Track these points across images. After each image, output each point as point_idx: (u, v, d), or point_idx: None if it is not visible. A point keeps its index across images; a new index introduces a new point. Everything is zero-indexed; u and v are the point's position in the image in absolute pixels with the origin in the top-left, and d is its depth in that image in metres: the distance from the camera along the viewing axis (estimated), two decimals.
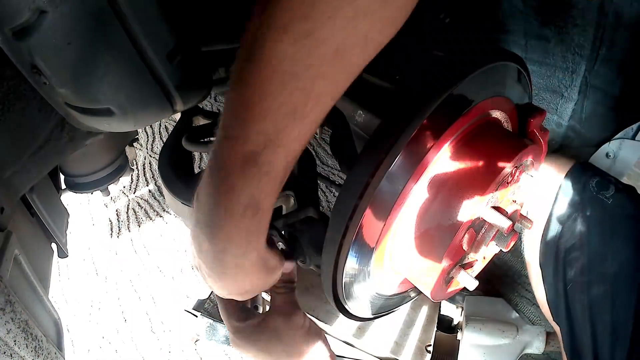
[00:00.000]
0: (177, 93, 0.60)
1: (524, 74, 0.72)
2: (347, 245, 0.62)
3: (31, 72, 0.50)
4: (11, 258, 0.62)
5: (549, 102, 0.99)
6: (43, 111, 0.64)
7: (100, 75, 0.51)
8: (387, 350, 1.30)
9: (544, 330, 1.34)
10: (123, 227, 1.97)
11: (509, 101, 0.72)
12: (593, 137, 0.98)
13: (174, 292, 1.72)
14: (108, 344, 1.58)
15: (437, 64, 0.70)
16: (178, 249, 1.86)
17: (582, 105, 0.94)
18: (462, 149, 0.63)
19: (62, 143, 0.71)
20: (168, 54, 0.55)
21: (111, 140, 1.14)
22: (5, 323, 0.55)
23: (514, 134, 0.75)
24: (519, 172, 0.67)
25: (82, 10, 0.45)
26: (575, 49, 0.86)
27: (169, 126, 2.37)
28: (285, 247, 0.81)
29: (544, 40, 0.88)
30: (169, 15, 0.53)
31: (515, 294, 1.65)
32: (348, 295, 0.72)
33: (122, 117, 0.58)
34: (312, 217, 0.96)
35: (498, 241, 0.66)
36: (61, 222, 0.97)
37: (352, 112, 0.75)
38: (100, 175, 1.15)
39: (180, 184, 1.04)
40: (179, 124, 1.25)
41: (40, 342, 0.62)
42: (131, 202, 2.07)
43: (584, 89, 0.91)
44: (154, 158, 2.24)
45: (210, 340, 1.36)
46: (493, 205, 0.62)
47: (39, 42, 0.46)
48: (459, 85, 0.58)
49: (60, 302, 1.70)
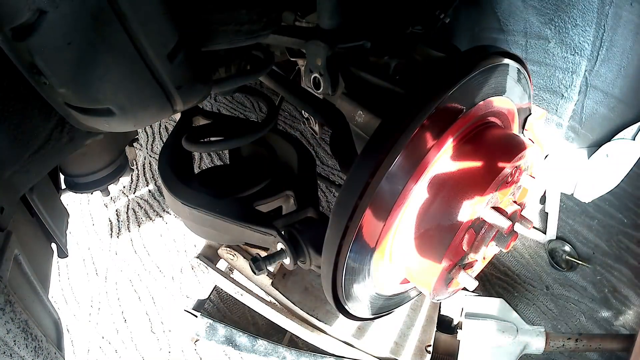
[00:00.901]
0: (177, 93, 0.60)
1: (524, 74, 0.72)
2: (347, 246, 0.62)
3: (31, 72, 0.50)
4: (11, 258, 0.62)
5: (549, 103, 0.99)
6: (43, 111, 0.64)
7: (100, 75, 0.51)
8: (387, 351, 1.30)
9: (543, 331, 1.34)
10: (123, 227, 1.97)
11: (509, 101, 0.72)
12: (593, 138, 0.98)
13: (174, 292, 1.72)
14: (108, 344, 1.58)
15: (438, 65, 0.70)
16: (178, 249, 1.86)
17: (582, 106, 0.94)
18: (462, 149, 0.63)
19: (62, 143, 0.71)
20: (168, 54, 0.55)
21: (111, 141, 1.14)
22: (5, 323, 0.55)
23: (514, 135, 0.75)
24: (519, 173, 0.67)
25: (82, 10, 0.45)
26: (575, 49, 0.86)
27: (169, 126, 2.37)
28: (285, 247, 0.81)
29: (544, 41, 0.88)
30: (170, 16, 0.53)
31: (515, 293, 1.65)
32: (348, 295, 0.72)
33: (122, 117, 0.58)
34: (312, 217, 0.96)
35: (498, 241, 0.66)
36: (61, 222, 0.97)
37: (352, 113, 0.75)
38: (100, 176, 1.15)
39: (180, 184, 1.04)
40: (178, 124, 1.25)
41: (40, 342, 0.62)
42: (131, 202, 2.07)
43: (584, 89, 0.91)
44: (154, 158, 2.24)
45: (210, 340, 1.36)
46: (493, 205, 0.62)
47: (39, 42, 0.46)
48: (460, 86, 0.58)
49: (60, 302, 1.70)
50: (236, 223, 0.93)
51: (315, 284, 1.36)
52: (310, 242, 0.81)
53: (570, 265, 1.79)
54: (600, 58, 0.84)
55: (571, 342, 1.33)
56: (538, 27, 0.87)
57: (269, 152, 1.21)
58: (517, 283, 1.75)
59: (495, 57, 0.64)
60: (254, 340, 1.34)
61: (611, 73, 0.85)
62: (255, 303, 1.35)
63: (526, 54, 0.93)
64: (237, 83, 0.85)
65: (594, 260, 1.81)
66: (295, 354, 1.32)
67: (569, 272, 1.78)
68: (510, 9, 0.88)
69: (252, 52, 1.00)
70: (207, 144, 1.25)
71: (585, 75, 0.89)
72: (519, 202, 0.72)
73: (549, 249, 1.83)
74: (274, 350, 1.33)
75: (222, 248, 1.37)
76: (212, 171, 1.48)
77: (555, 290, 1.74)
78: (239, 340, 1.34)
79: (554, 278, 1.77)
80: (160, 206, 2.03)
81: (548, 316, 1.66)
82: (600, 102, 0.91)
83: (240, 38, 0.68)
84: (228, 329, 1.35)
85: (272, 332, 1.52)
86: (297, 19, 0.95)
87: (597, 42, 0.82)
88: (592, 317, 1.66)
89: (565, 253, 1.81)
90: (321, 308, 1.33)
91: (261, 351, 1.33)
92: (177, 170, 1.08)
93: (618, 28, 0.78)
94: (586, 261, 1.79)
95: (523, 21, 0.88)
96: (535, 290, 1.73)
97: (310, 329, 1.31)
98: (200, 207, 0.97)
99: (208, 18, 0.63)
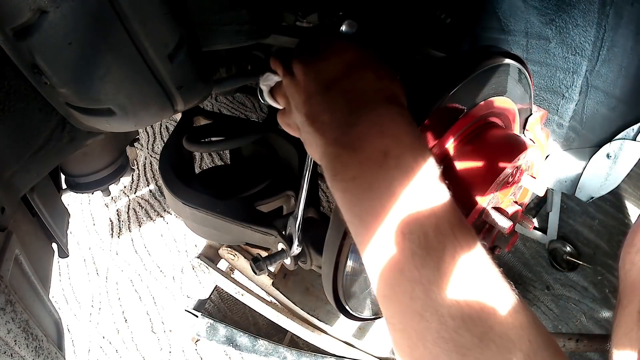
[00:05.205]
0: (178, 93, 0.60)
1: (525, 75, 0.72)
2: (348, 246, 0.62)
3: (32, 72, 0.50)
4: (12, 258, 0.62)
5: (550, 103, 0.99)
6: (44, 111, 0.64)
7: (101, 75, 0.51)
8: (387, 351, 1.30)
9: None
10: (124, 227, 1.97)
11: (510, 102, 0.72)
12: (594, 138, 0.97)
13: (174, 292, 1.72)
14: (108, 344, 1.58)
15: (438, 65, 0.70)
16: (179, 249, 1.86)
17: (583, 106, 0.94)
18: (463, 149, 0.63)
19: (63, 143, 0.71)
20: (169, 54, 0.55)
21: (112, 140, 1.14)
22: (6, 323, 0.55)
23: (515, 135, 0.75)
24: (519, 173, 0.67)
25: (83, 10, 0.45)
26: (576, 50, 0.86)
27: (170, 126, 2.37)
28: (285, 247, 0.81)
29: (544, 41, 0.88)
30: (171, 16, 0.53)
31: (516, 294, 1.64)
32: (348, 295, 0.72)
33: (123, 117, 0.58)
34: (313, 217, 0.96)
35: (499, 241, 0.66)
36: (62, 222, 0.97)
37: None
38: (101, 175, 1.15)
39: (181, 184, 1.04)
40: (179, 124, 1.25)
41: (40, 342, 0.62)
42: (132, 202, 2.07)
43: (585, 89, 0.91)
44: (155, 158, 2.24)
45: (210, 340, 1.36)
46: (494, 205, 0.62)
47: (40, 42, 0.46)
48: (460, 86, 0.58)
49: (60, 302, 1.71)
50: (237, 223, 0.93)
51: (316, 284, 1.36)
52: (311, 242, 0.81)
53: (571, 265, 1.79)
54: (601, 58, 0.84)
55: (572, 342, 1.32)
56: (539, 27, 0.87)
57: (270, 152, 1.22)
58: (517, 283, 1.74)
59: (496, 57, 0.64)
60: (254, 340, 1.34)
61: (612, 73, 0.85)
62: (256, 303, 1.35)
63: (527, 54, 0.93)
64: (238, 83, 0.85)
65: (595, 260, 1.81)
66: (296, 354, 1.32)
67: (569, 273, 1.78)
68: (511, 9, 0.88)
69: (253, 52, 1.00)
70: (208, 144, 1.25)
71: (586, 76, 0.89)
72: (520, 203, 0.72)
73: (549, 249, 1.83)
74: (274, 350, 1.33)
75: (223, 248, 1.37)
76: (213, 171, 1.49)
77: (556, 291, 1.73)
78: (239, 340, 1.34)
79: (555, 278, 1.77)
80: (161, 206, 2.04)
81: (549, 316, 1.66)
82: (601, 102, 0.91)
83: (241, 38, 0.68)
84: (229, 329, 1.35)
85: (273, 332, 1.52)
86: (298, 19, 0.95)
87: (598, 43, 0.82)
88: (593, 317, 1.66)
89: (566, 253, 1.81)
90: (322, 308, 1.33)
91: (262, 351, 1.33)
92: (178, 171, 1.08)
93: (619, 28, 0.78)
94: (587, 261, 1.79)
95: (524, 21, 0.88)
96: (536, 290, 1.73)
97: (311, 329, 1.31)
98: (201, 207, 0.97)
99: (209, 18, 0.63)
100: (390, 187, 0.41)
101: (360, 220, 0.44)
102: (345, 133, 0.46)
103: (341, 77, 0.51)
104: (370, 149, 0.44)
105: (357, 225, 0.45)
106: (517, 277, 1.77)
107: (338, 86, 0.50)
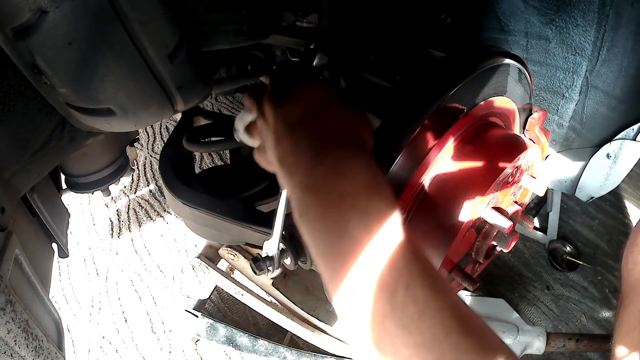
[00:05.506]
0: (178, 93, 0.60)
1: (524, 75, 0.72)
2: None
3: (32, 72, 0.50)
4: (12, 258, 0.62)
5: (550, 103, 0.99)
6: (44, 111, 0.64)
7: (101, 75, 0.51)
8: None
9: (544, 331, 1.34)
10: (124, 227, 1.97)
11: (510, 102, 0.72)
12: (594, 138, 0.97)
13: (174, 292, 1.72)
14: (108, 344, 1.58)
15: (439, 65, 0.70)
16: (179, 249, 1.86)
17: (583, 106, 0.94)
18: (463, 149, 0.63)
19: (63, 143, 0.71)
20: (169, 54, 0.55)
21: (112, 140, 1.14)
22: (6, 323, 0.55)
23: (515, 135, 0.75)
24: (519, 173, 0.67)
25: (83, 10, 0.45)
26: (576, 50, 0.86)
27: (170, 126, 2.37)
28: (286, 248, 0.81)
29: (544, 41, 0.88)
30: (170, 16, 0.53)
31: (516, 294, 1.65)
32: None
33: (123, 117, 0.58)
34: None
35: (499, 241, 0.66)
36: (62, 222, 0.97)
37: None
38: (101, 175, 1.15)
39: (181, 184, 1.04)
40: (179, 124, 1.25)
41: (40, 341, 0.62)
42: (132, 202, 2.07)
43: (585, 89, 0.91)
44: (155, 158, 2.24)
45: (210, 340, 1.36)
46: (494, 206, 0.62)
47: (40, 42, 0.46)
48: (460, 86, 0.58)
49: (60, 302, 1.71)
50: (237, 223, 0.93)
51: (316, 284, 1.36)
52: None
53: (571, 265, 1.79)
54: (601, 58, 0.84)
55: (572, 343, 1.32)
56: (539, 27, 0.87)
57: None
58: (517, 283, 1.74)
59: (496, 57, 0.64)
60: (254, 340, 1.34)
61: (612, 73, 0.85)
62: (256, 303, 1.35)
63: (527, 54, 0.93)
64: (238, 83, 0.85)
65: (595, 260, 1.81)
66: (296, 354, 1.32)
67: (569, 273, 1.78)
68: (511, 9, 0.88)
69: (253, 52, 1.00)
70: (208, 144, 1.25)
71: (586, 76, 0.89)
72: (520, 203, 0.72)
73: (549, 249, 1.83)
74: (274, 350, 1.33)
75: (223, 248, 1.37)
76: (213, 171, 1.49)
77: (556, 291, 1.73)
78: (239, 340, 1.34)
79: (555, 278, 1.77)
80: (161, 206, 2.03)
81: (549, 316, 1.66)
82: (601, 102, 0.91)
83: (241, 38, 0.68)
84: (229, 329, 1.35)
85: (273, 332, 1.52)
86: (298, 19, 0.95)
87: (598, 43, 0.82)
88: (593, 317, 1.66)
89: (566, 253, 1.80)
90: (322, 308, 1.32)
91: (262, 351, 1.33)
92: (178, 170, 1.08)
93: (619, 28, 0.78)
94: (587, 261, 1.79)
95: (524, 21, 0.88)
96: (536, 290, 1.73)
97: (311, 329, 1.31)
98: (201, 207, 0.97)
99: (209, 18, 0.63)
100: (347, 229, 0.43)
101: (322, 259, 0.47)
102: (308, 176, 0.48)
103: (306, 119, 0.53)
104: (328, 191, 0.46)
105: (321, 264, 0.47)
106: (517, 277, 1.77)
107: (303, 129, 0.52)
